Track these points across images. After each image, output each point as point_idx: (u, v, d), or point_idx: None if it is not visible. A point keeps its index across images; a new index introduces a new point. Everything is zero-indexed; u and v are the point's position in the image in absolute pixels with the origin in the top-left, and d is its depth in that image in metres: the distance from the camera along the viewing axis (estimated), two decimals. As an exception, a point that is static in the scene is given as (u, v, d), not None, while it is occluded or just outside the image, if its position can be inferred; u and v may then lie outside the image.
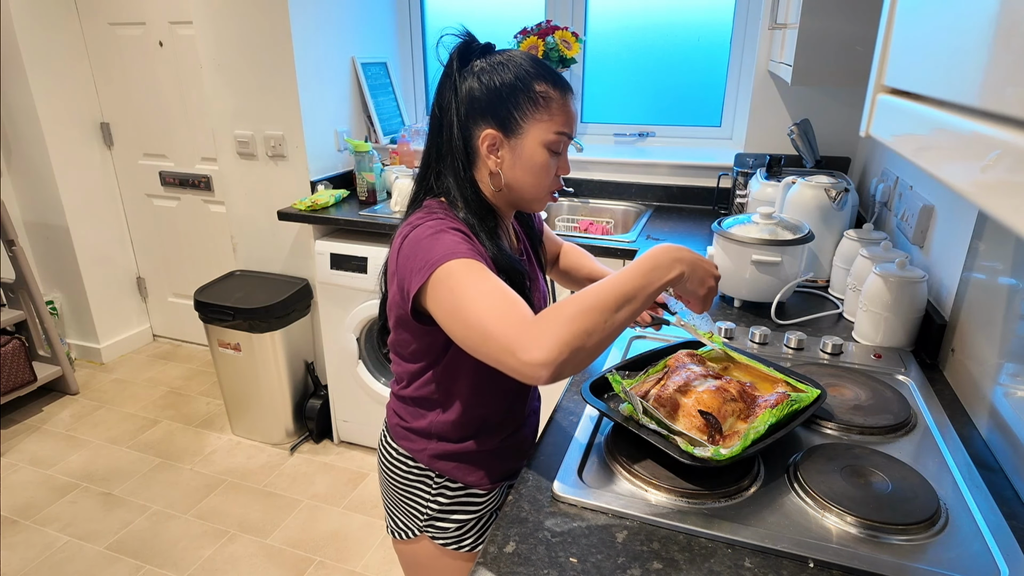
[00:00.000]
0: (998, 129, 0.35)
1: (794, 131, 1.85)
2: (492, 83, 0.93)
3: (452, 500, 1.07)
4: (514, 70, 0.93)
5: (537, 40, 2.38)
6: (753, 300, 1.45)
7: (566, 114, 0.95)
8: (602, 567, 0.75)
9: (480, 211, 0.96)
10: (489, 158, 0.95)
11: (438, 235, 0.87)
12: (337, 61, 2.47)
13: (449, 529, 1.08)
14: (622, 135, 2.62)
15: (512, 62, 0.94)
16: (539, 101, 0.93)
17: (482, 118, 0.94)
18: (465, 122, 0.95)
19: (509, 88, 0.92)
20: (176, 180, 3.08)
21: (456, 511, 1.08)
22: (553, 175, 0.97)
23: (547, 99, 0.93)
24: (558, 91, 0.94)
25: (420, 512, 1.08)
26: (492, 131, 0.93)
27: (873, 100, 0.59)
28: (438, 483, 1.06)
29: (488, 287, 0.80)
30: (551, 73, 0.95)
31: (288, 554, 2.06)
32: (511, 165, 0.95)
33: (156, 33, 2.84)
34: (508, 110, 0.92)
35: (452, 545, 1.09)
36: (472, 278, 0.81)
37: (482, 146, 0.94)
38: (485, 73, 0.94)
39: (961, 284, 1.16)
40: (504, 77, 0.93)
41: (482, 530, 1.10)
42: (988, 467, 0.93)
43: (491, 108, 0.93)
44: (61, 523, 2.21)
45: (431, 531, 1.09)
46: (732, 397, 0.93)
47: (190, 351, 3.41)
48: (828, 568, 0.75)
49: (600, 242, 1.96)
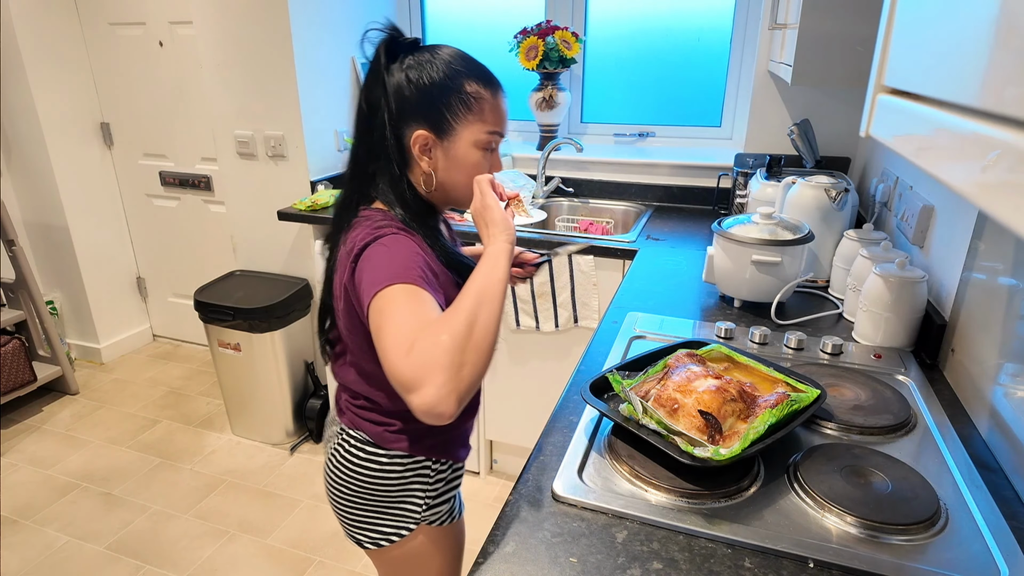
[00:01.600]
0: (998, 129, 0.35)
1: (794, 131, 1.85)
2: (421, 81, 0.91)
3: (446, 479, 1.12)
4: (443, 68, 0.92)
5: (537, 40, 2.38)
6: (753, 300, 1.45)
7: (497, 113, 0.94)
8: (602, 567, 0.75)
9: (421, 213, 0.96)
10: (422, 159, 0.94)
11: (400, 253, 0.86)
12: (337, 61, 2.47)
13: (443, 509, 1.12)
14: (622, 135, 2.62)
15: (441, 59, 0.92)
16: (470, 102, 0.92)
17: (413, 119, 0.92)
18: (397, 122, 0.93)
19: (439, 88, 0.91)
20: (176, 180, 3.08)
21: (449, 488, 1.13)
22: (485, 173, 0.95)
23: (478, 99, 0.92)
24: (489, 90, 0.93)
25: (419, 504, 1.09)
26: (424, 132, 0.92)
27: (873, 100, 0.59)
28: (435, 469, 1.09)
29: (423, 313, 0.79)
30: (481, 71, 0.94)
31: (288, 554, 2.06)
32: (445, 167, 0.95)
33: (156, 33, 2.84)
34: (439, 111, 0.91)
35: (447, 521, 1.14)
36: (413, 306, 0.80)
37: (414, 147, 0.93)
38: (413, 70, 0.92)
39: (961, 284, 1.16)
40: (434, 76, 0.91)
41: (455, 500, 1.17)
42: (988, 467, 0.93)
43: (422, 108, 0.91)
44: (61, 523, 2.21)
45: (431, 517, 1.11)
46: (732, 397, 0.93)
47: (190, 351, 3.41)
48: (828, 568, 0.75)
49: (600, 242, 1.96)
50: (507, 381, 2.25)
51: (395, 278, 0.82)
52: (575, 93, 2.63)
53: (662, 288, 1.60)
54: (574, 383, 1.17)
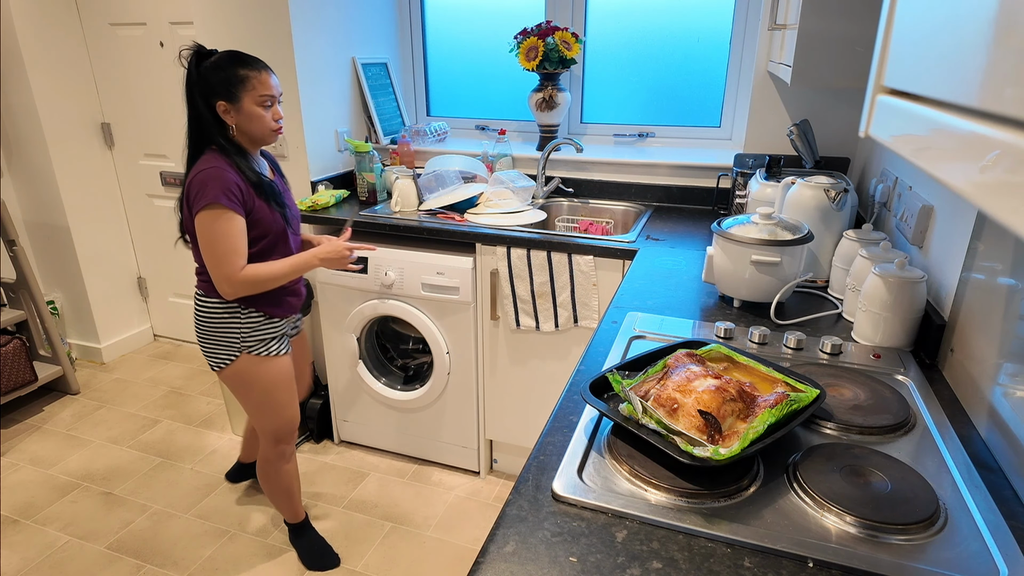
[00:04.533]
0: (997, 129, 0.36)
1: (793, 131, 1.85)
2: (219, 74, 1.52)
3: (259, 323, 1.69)
4: (228, 64, 1.53)
5: (537, 41, 2.38)
6: (752, 300, 1.45)
7: (263, 84, 1.55)
8: (602, 567, 0.76)
9: (243, 154, 1.59)
10: (225, 118, 1.55)
11: (219, 181, 1.49)
12: (337, 61, 2.47)
13: (261, 344, 1.70)
14: (622, 135, 2.62)
15: (226, 59, 1.53)
16: (245, 80, 1.53)
17: (214, 95, 1.53)
18: (204, 100, 1.54)
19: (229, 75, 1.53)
20: (177, 180, 3.08)
21: (264, 329, 1.70)
22: (269, 120, 1.58)
23: (249, 77, 1.53)
24: (255, 71, 1.54)
25: (236, 337, 1.67)
26: (223, 103, 1.53)
27: (872, 100, 0.60)
28: (248, 314, 1.67)
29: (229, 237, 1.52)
30: (251, 60, 1.55)
31: (288, 553, 2.06)
32: (240, 120, 1.56)
33: (157, 33, 2.84)
34: (228, 88, 1.53)
35: (263, 353, 1.70)
36: (221, 225, 1.51)
37: (220, 111, 1.55)
38: (211, 69, 1.53)
39: (960, 284, 1.17)
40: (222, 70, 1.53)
41: (281, 343, 1.75)
42: (987, 467, 0.93)
43: (217, 88, 1.53)
44: (62, 522, 2.21)
45: (250, 348, 1.68)
46: (731, 397, 0.94)
47: (191, 351, 3.41)
48: (827, 568, 0.75)
49: (600, 242, 1.96)
50: (507, 381, 2.25)
51: (212, 199, 1.49)
52: (575, 93, 2.63)
53: (662, 288, 1.60)
54: (574, 383, 1.17)
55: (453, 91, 2.87)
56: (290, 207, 1.71)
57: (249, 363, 1.69)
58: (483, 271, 2.14)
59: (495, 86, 2.78)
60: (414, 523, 2.19)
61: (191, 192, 1.52)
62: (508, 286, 2.09)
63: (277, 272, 1.59)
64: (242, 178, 1.54)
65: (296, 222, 1.74)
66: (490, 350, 2.23)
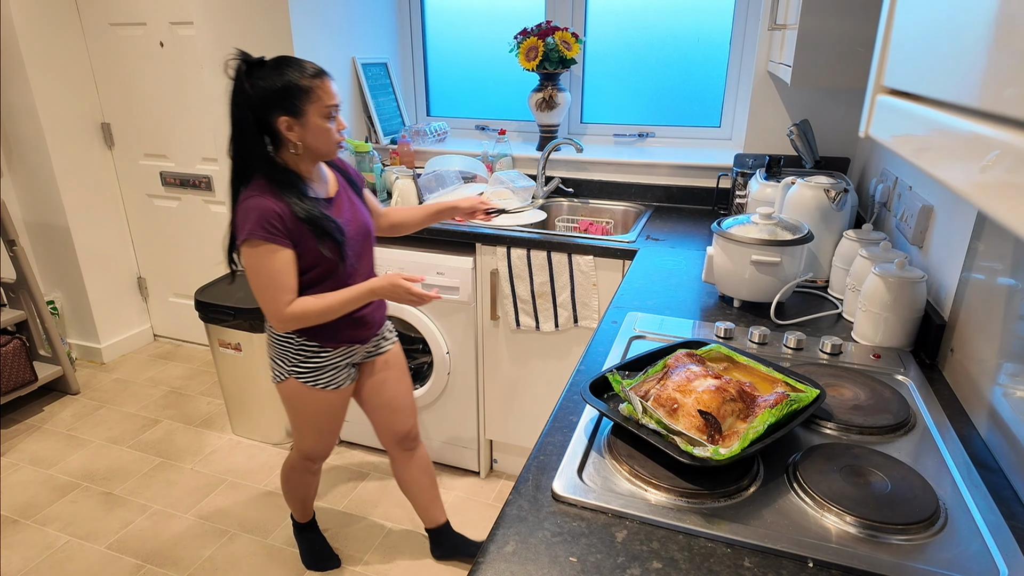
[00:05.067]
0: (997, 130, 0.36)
1: (793, 131, 1.85)
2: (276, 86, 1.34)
3: (311, 352, 1.57)
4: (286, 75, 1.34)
5: (537, 41, 2.38)
6: (752, 300, 1.45)
7: (327, 93, 1.38)
8: (602, 567, 0.76)
9: (291, 180, 1.41)
10: (289, 135, 1.38)
11: (258, 214, 1.35)
12: (337, 61, 2.47)
13: (308, 374, 1.58)
14: (622, 135, 2.62)
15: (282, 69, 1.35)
16: (308, 91, 1.35)
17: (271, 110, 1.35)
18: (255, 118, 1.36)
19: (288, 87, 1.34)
20: (177, 180, 3.08)
21: (314, 359, 1.58)
22: (334, 132, 1.42)
23: (312, 87, 1.36)
24: (317, 80, 1.36)
25: (286, 362, 1.58)
26: (285, 118, 1.36)
27: (872, 100, 0.60)
28: (298, 342, 1.55)
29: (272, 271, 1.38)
30: (311, 69, 1.37)
31: (288, 553, 2.06)
32: (305, 135, 1.39)
33: (157, 33, 2.84)
34: (290, 101, 1.35)
35: (310, 383, 1.59)
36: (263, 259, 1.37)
37: (281, 128, 1.37)
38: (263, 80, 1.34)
39: (960, 284, 1.17)
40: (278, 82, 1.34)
41: (333, 376, 1.61)
42: (987, 467, 0.93)
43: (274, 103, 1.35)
44: (62, 523, 2.21)
45: (298, 374, 1.58)
46: (731, 397, 0.94)
47: (191, 351, 3.41)
48: (827, 568, 0.75)
49: (600, 242, 1.96)
50: (507, 381, 2.25)
51: (250, 233, 1.35)
52: (575, 93, 2.63)
53: (662, 288, 1.60)
54: (574, 383, 1.17)
55: (453, 91, 2.87)
56: (351, 236, 1.50)
57: (296, 388, 1.60)
58: (483, 271, 2.14)
59: (495, 86, 2.78)
60: (414, 523, 2.19)
61: (235, 222, 1.40)
62: (508, 286, 2.09)
63: (327, 306, 1.43)
64: (289, 208, 1.38)
65: (360, 245, 1.55)
66: (490, 350, 2.23)
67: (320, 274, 1.46)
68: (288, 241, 1.38)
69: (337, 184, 1.55)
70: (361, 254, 1.55)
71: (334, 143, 1.43)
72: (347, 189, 1.57)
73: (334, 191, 1.53)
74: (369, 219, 1.60)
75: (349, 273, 1.51)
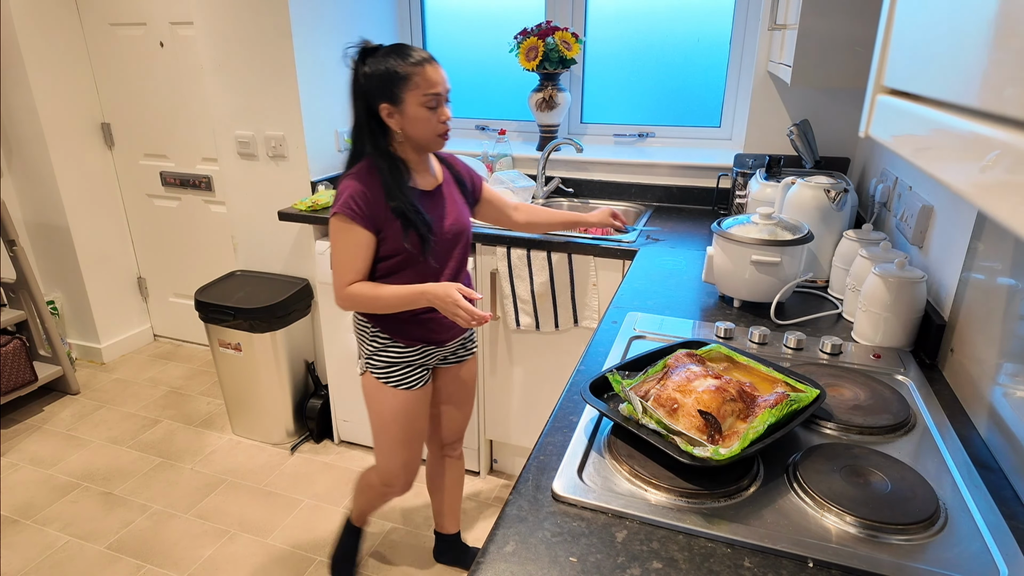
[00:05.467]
0: (997, 130, 0.36)
1: (793, 131, 1.85)
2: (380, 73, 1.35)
3: (383, 345, 1.54)
4: (390, 62, 1.35)
5: (537, 41, 2.38)
6: (752, 300, 1.45)
7: (428, 80, 1.35)
8: (602, 567, 0.76)
9: (394, 166, 1.42)
10: (390, 122, 1.39)
11: (349, 194, 1.38)
12: (337, 61, 2.47)
13: (382, 369, 1.55)
14: (622, 135, 2.62)
15: (388, 56, 1.36)
16: (408, 78, 1.34)
17: (376, 98, 1.37)
18: (366, 105, 1.39)
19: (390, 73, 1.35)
20: (177, 180, 3.09)
21: (388, 352, 1.54)
22: (436, 123, 1.40)
23: (412, 75, 1.34)
24: (419, 67, 1.35)
25: (363, 351, 1.57)
26: (386, 105, 1.37)
27: (872, 100, 0.60)
28: (372, 332, 1.53)
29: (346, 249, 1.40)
30: (414, 55, 1.36)
31: (288, 554, 2.06)
32: (405, 124, 1.39)
33: (157, 33, 2.84)
34: (390, 88, 1.35)
35: (382, 378, 1.55)
36: (342, 236, 1.40)
37: (383, 116, 1.38)
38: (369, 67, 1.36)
39: (960, 284, 1.17)
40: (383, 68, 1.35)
41: (405, 374, 1.56)
42: (987, 467, 0.93)
43: (379, 90, 1.36)
44: (61, 523, 2.21)
45: (373, 370, 1.56)
46: (731, 397, 0.94)
47: (191, 351, 3.41)
48: (827, 568, 0.75)
49: (600, 242, 1.96)
50: (507, 381, 2.25)
51: (338, 209, 1.39)
52: (575, 93, 2.63)
53: (662, 288, 1.60)
54: (574, 383, 1.17)
55: (453, 91, 2.86)
56: (441, 234, 1.47)
57: (371, 383, 1.57)
58: (483, 271, 2.14)
59: (495, 86, 2.78)
60: (414, 523, 2.19)
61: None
62: (508, 286, 2.09)
63: (378, 296, 1.39)
64: (382, 195, 1.39)
65: (449, 244, 1.50)
66: (490, 350, 2.23)
67: (399, 263, 1.44)
68: (369, 224, 1.38)
69: (441, 179, 1.53)
70: (449, 254, 1.50)
71: (434, 133, 1.40)
72: (451, 186, 1.54)
73: (434, 185, 1.50)
74: (467, 221, 1.55)
75: (433, 270, 1.47)
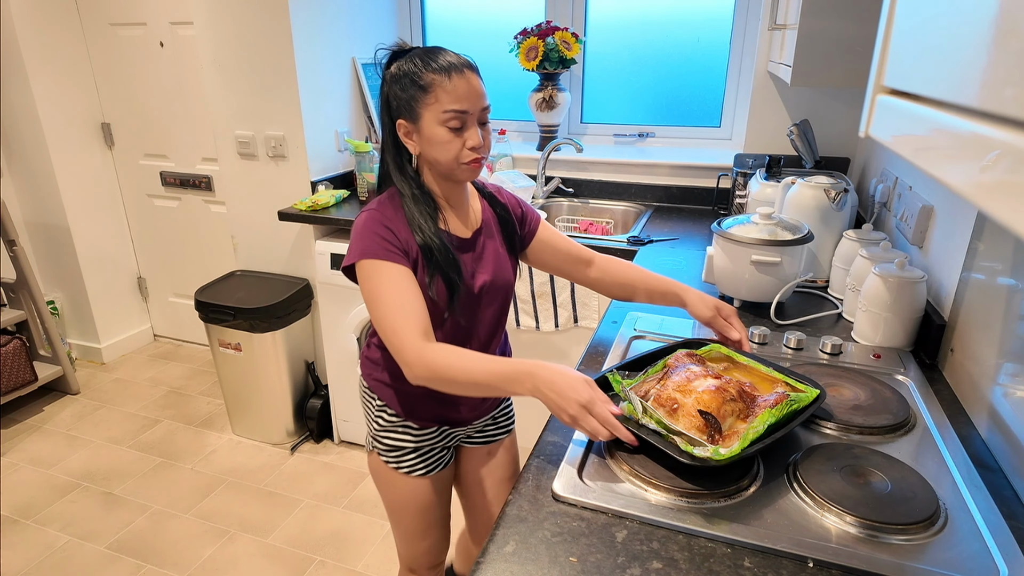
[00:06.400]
0: (997, 130, 0.36)
1: (793, 131, 1.85)
2: (398, 81, 1.07)
3: (390, 424, 1.25)
4: (409, 67, 1.06)
5: (537, 41, 2.38)
6: (752, 300, 1.45)
7: (451, 93, 1.03)
8: (602, 567, 0.76)
9: (419, 196, 1.11)
10: (408, 143, 1.10)
11: (366, 229, 1.07)
12: (337, 61, 2.47)
13: (389, 450, 1.27)
14: (622, 135, 2.62)
15: (409, 59, 1.07)
16: (426, 88, 1.04)
17: (397, 112, 1.09)
18: (390, 119, 1.10)
19: (408, 82, 1.06)
20: (177, 180, 3.09)
21: (393, 432, 1.25)
22: (460, 148, 1.06)
23: (431, 84, 1.04)
24: (442, 75, 1.03)
25: (370, 427, 1.29)
26: (403, 121, 1.08)
27: (872, 100, 0.60)
28: (378, 406, 1.25)
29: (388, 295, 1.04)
30: (437, 59, 1.05)
31: (288, 554, 2.06)
32: (423, 146, 1.08)
33: (157, 33, 2.84)
34: (407, 101, 1.06)
35: (391, 464, 1.27)
36: (377, 281, 1.05)
37: (400, 134, 1.10)
38: (393, 74, 1.08)
39: (960, 284, 1.17)
40: (403, 76, 1.06)
41: (419, 459, 1.27)
42: (987, 467, 0.93)
43: (398, 103, 1.08)
44: (61, 523, 2.21)
45: (377, 446, 1.28)
46: (732, 397, 0.94)
47: (191, 351, 3.41)
48: (827, 568, 0.75)
49: (600, 242, 1.96)
50: (507, 381, 2.24)
51: (361, 253, 1.06)
52: (575, 93, 2.63)
53: (662, 288, 1.60)
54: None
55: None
56: (475, 290, 1.15)
57: (378, 465, 1.29)
58: (483, 271, 2.13)
59: (495, 86, 2.78)
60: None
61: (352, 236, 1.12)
62: (508, 286, 2.08)
63: (470, 367, 0.98)
64: (406, 227, 1.09)
65: (483, 303, 1.18)
66: (490, 350, 2.23)
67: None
68: (402, 255, 1.06)
69: (479, 222, 1.20)
70: (483, 314, 1.19)
71: (455, 161, 1.06)
72: (492, 230, 1.21)
73: (472, 231, 1.18)
74: (509, 275, 1.22)
75: (461, 330, 1.16)
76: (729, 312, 1.19)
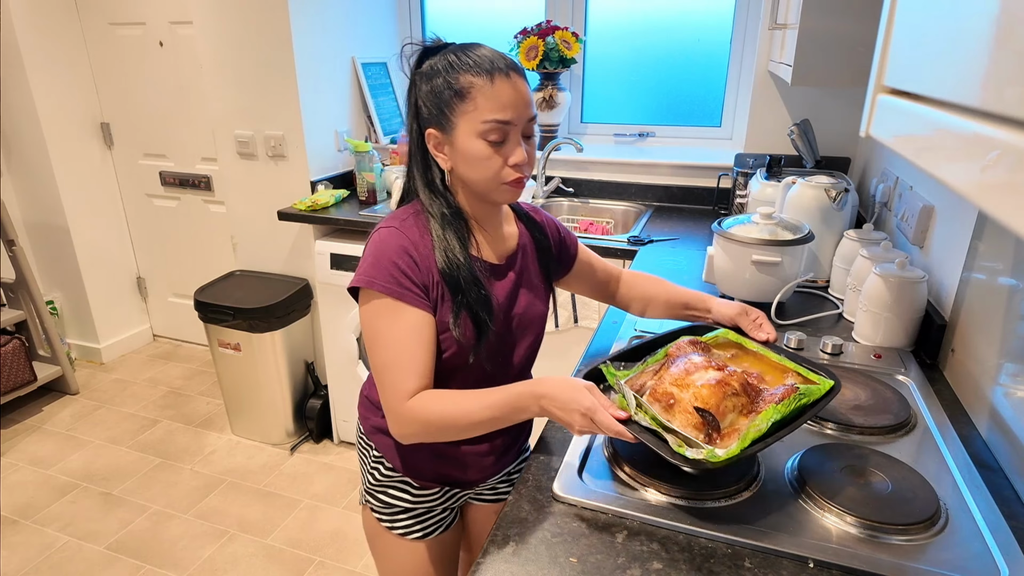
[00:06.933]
0: (998, 129, 0.35)
1: (794, 131, 1.85)
2: (430, 83, 0.93)
3: (387, 479, 1.11)
4: (443, 65, 0.91)
5: (537, 40, 2.38)
6: (753, 300, 1.45)
7: (493, 100, 0.89)
8: (602, 567, 0.75)
9: (448, 217, 0.96)
10: (438, 156, 0.95)
11: (383, 255, 0.93)
12: (337, 61, 2.47)
13: (383, 508, 1.12)
14: (622, 135, 2.62)
15: (445, 57, 0.92)
16: (462, 93, 0.89)
17: (426, 120, 0.94)
18: (418, 127, 0.96)
19: (439, 85, 0.91)
20: (176, 180, 3.08)
21: (388, 487, 1.11)
22: (500, 165, 0.92)
23: (469, 88, 0.89)
24: (482, 78, 0.89)
25: (364, 479, 1.15)
26: (433, 131, 0.94)
27: (873, 100, 0.59)
28: (375, 457, 1.11)
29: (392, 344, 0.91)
30: (478, 59, 0.90)
31: (288, 554, 2.06)
32: (456, 161, 0.94)
33: (156, 33, 2.84)
34: (440, 108, 0.92)
35: (385, 523, 1.13)
36: (382, 324, 0.92)
37: (429, 146, 0.95)
38: (425, 75, 0.94)
39: (961, 284, 1.16)
40: (435, 75, 0.92)
41: (418, 521, 1.12)
42: (988, 467, 0.93)
43: (429, 108, 0.93)
44: (61, 523, 2.21)
45: (371, 501, 1.13)
46: (734, 391, 0.87)
47: (190, 351, 3.41)
48: (828, 568, 0.75)
49: (600, 242, 1.96)
50: (507, 381, 2.24)
51: (369, 280, 0.92)
52: (575, 93, 2.63)
53: (662, 288, 1.60)
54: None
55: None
56: (505, 327, 1.02)
57: (372, 522, 1.14)
58: (483, 271, 2.13)
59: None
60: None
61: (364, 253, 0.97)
62: (508, 286, 2.07)
63: (465, 413, 0.89)
64: (431, 252, 0.94)
65: (512, 342, 1.05)
66: (490, 350, 2.22)
67: (451, 361, 0.97)
68: (423, 299, 0.92)
69: (515, 245, 1.06)
70: (514, 353, 1.06)
71: (495, 180, 0.93)
72: (530, 259, 1.08)
73: (505, 255, 1.04)
74: (543, 308, 1.09)
75: (485, 375, 1.01)
76: (758, 314, 1.09)
